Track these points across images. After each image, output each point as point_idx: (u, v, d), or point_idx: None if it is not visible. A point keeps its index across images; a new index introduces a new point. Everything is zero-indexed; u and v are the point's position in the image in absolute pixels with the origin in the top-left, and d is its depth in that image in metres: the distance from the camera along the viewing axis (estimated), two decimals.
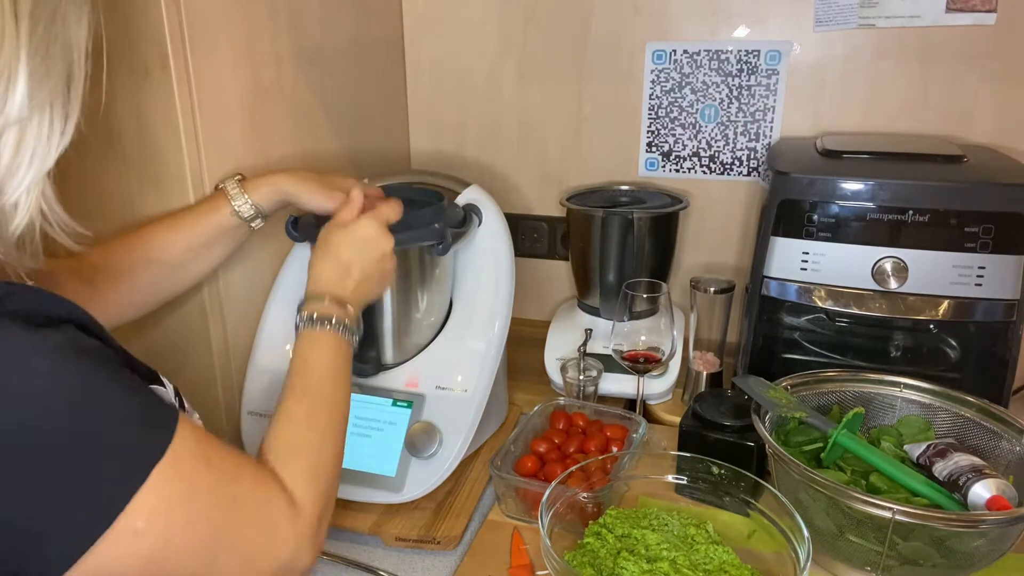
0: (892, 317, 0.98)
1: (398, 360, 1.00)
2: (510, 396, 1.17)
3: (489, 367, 0.98)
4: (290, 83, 1.07)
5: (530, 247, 1.42)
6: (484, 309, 1.02)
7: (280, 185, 0.88)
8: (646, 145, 1.32)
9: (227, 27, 0.93)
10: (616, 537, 0.80)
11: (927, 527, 0.71)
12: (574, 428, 1.03)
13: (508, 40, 1.34)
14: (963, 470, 0.79)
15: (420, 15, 1.38)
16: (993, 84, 1.14)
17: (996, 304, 0.95)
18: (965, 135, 1.17)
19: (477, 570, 0.83)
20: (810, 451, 0.88)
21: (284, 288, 1.03)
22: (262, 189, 0.88)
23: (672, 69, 1.27)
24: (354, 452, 0.94)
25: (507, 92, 1.37)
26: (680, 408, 1.15)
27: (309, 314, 0.75)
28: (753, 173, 1.28)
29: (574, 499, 0.84)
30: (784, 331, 1.06)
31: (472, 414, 0.95)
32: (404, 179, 1.15)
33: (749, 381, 0.92)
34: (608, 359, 1.12)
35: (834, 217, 0.98)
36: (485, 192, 1.06)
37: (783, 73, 1.22)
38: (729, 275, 1.23)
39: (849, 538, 0.76)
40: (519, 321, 1.05)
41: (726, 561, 0.77)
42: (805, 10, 1.18)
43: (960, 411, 0.90)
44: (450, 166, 1.41)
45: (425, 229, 0.93)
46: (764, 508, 0.80)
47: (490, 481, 0.97)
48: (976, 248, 0.94)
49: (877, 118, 1.20)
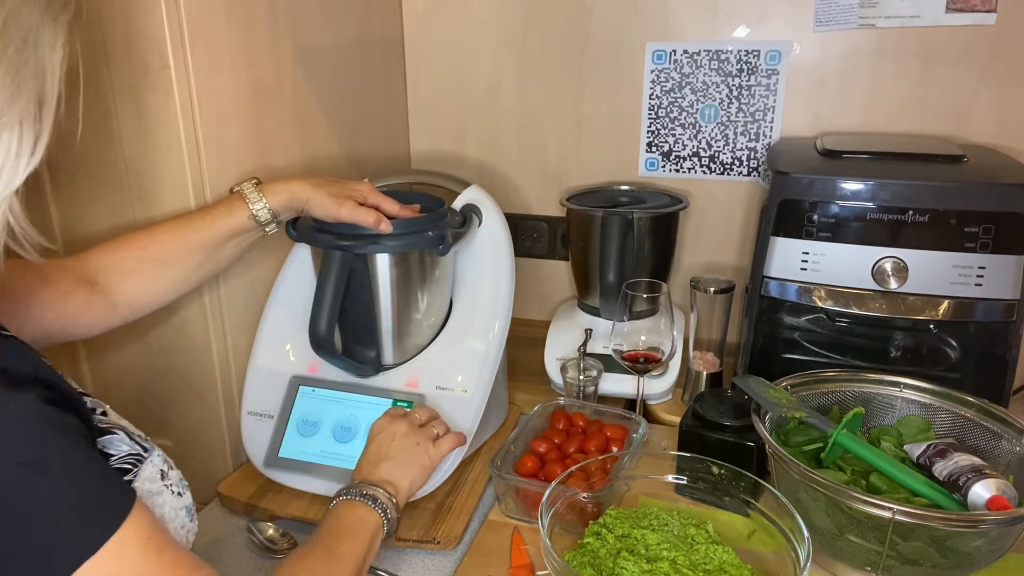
0: (892, 317, 0.98)
1: (398, 360, 1.00)
2: (510, 396, 1.17)
3: (489, 367, 0.98)
4: (290, 83, 1.07)
5: (530, 247, 1.42)
6: (484, 309, 1.02)
7: (295, 191, 0.89)
8: (646, 145, 1.32)
9: (227, 27, 0.93)
10: (616, 537, 0.80)
11: (927, 527, 0.71)
12: (574, 428, 1.03)
13: (508, 40, 1.34)
14: (963, 470, 0.79)
15: (420, 15, 1.38)
16: (993, 84, 1.14)
17: (996, 304, 0.95)
18: (965, 135, 1.17)
19: (477, 570, 0.83)
20: (810, 451, 0.88)
21: (284, 289, 1.03)
22: (280, 195, 0.88)
23: (672, 69, 1.27)
24: (355, 452, 0.94)
25: (507, 92, 1.37)
26: (680, 408, 1.15)
27: (357, 488, 0.78)
28: (753, 173, 1.28)
29: (574, 499, 0.84)
30: (784, 331, 1.06)
31: (472, 414, 0.95)
32: (404, 179, 1.15)
33: (749, 381, 0.92)
34: (608, 359, 1.12)
35: (834, 217, 0.98)
36: (485, 192, 1.06)
37: (783, 73, 1.22)
38: (729, 275, 1.23)
39: (849, 538, 0.76)
40: (519, 321, 1.05)
41: (726, 561, 0.77)
42: (805, 10, 1.18)
43: (960, 411, 0.90)
44: (450, 166, 1.41)
45: (422, 236, 0.93)
46: (764, 508, 0.80)
47: (490, 481, 0.97)
48: (976, 248, 0.94)
49: (877, 118, 1.20)
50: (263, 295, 1.03)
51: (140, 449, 0.65)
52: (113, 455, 0.62)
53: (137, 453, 0.64)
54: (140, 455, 0.65)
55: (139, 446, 0.65)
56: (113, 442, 0.63)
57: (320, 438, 0.96)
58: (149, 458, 0.65)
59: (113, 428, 0.64)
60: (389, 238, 0.92)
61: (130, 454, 0.64)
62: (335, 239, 0.91)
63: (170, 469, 0.68)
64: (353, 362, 0.97)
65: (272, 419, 0.98)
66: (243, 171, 0.97)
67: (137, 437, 0.66)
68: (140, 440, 0.66)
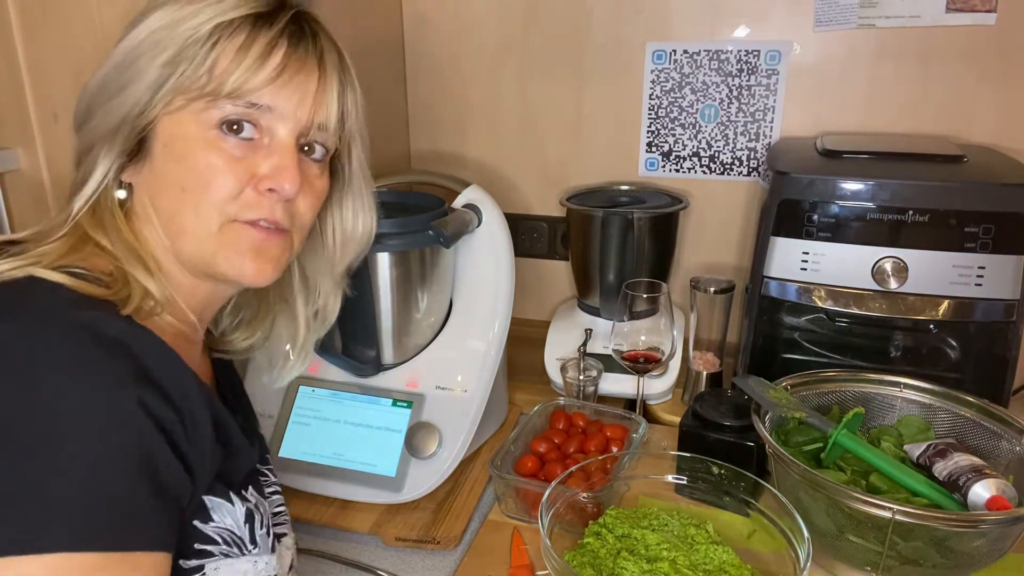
0: (892, 317, 0.98)
1: (398, 360, 1.00)
2: (510, 396, 1.17)
3: (489, 367, 0.98)
4: None
5: (530, 247, 1.42)
6: (484, 309, 1.02)
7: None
8: (646, 145, 1.32)
9: None
10: (616, 537, 0.80)
11: (927, 527, 0.71)
12: (574, 428, 1.03)
13: (508, 40, 1.34)
14: (963, 470, 0.79)
15: (420, 15, 1.38)
16: (993, 84, 1.14)
17: (996, 304, 0.95)
18: (965, 135, 1.17)
19: (477, 570, 0.83)
20: (810, 451, 0.88)
21: None
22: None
23: (672, 69, 1.27)
24: (354, 452, 0.94)
25: (507, 92, 1.37)
26: (680, 408, 1.15)
27: None
28: (753, 173, 1.28)
29: (574, 499, 0.84)
30: (784, 331, 1.06)
31: (472, 414, 0.95)
32: (404, 179, 1.15)
33: (749, 381, 0.92)
34: (608, 359, 1.12)
35: (834, 217, 0.98)
36: (485, 192, 1.06)
37: (783, 73, 1.22)
38: (729, 275, 1.23)
39: (849, 538, 0.76)
40: (519, 321, 1.05)
41: (726, 561, 0.77)
42: (805, 10, 1.18)
43: (960, 411, 0.90)
44: (450, 166, 1.42)
45: (421, 234, 0.94)
46: (764, 508, 0.80)
47: (490, 481, 0.97)
48: (976, 248, 0.94)
49: (877, 118, 1.20)
50: None
51: (248, 540, 0.59)
52: (215, 522, 0.56)
53: (241, 540, 0.58)
54: (243, 544, 0.58)
55: (250, 536, 0.59)
56: (223, 508, 0.57)
57: (320, 438, 0.96)
58: (254, 557, 0.59)
59: (250, 500, 0.60)
60: (389, 237, 0.92)
61: (232, 535, 0.57)
62: None
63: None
64: (353, 361, 0.97)
65: (272, 419, 0.98)
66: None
67: (272, 529, 0.62)
68: (264, 536, 0.60)
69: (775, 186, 1.00)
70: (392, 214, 1.03)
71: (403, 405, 0.96)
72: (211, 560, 0.55)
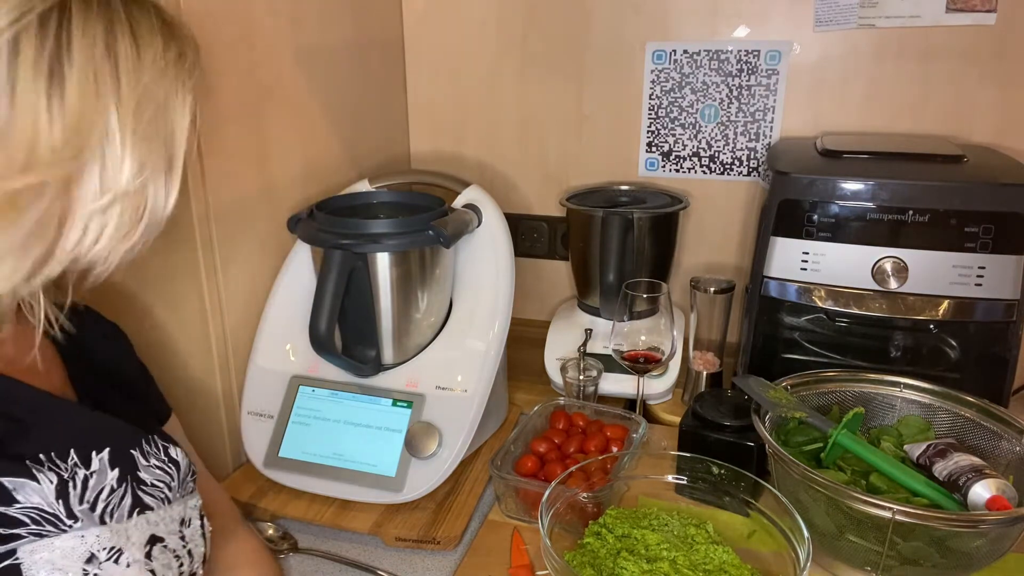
0: (892, 317, 0.98)
1: (398, 360, 1.00)
2: (510, 396, 1.17)
3: (489, 367, 0.98)
4: (290, 83, 1.07)
5: (530, 247, 1.42)
6: (484, 309, 1.02)
7: None
8: (646, 145, 1.32)
9: (227, 26, 0.93)
10: (616, 537, 0.80)
11: (927, 527, 0.71)
12: (574, 428, 1.03)
13: (508, 40, 1.34)
14: (963, 470, 0.79)
15: (420, 15, 1.38)
16: (993, 84, 1.14)
17: (996, 304, 0.95)
18: (965, 135, 1.17)
19: (477, 570, 0.83)
20: (810, 451, 0.88)
21: (284, 289, 1.03)
22: None
23: (672, 69, 1.27)
24: (354, 452, 0.94)
25: (507, 92, 1.37)
26: (680, 408, 1.15)
27: None
28: (753, 173, 1.28)
29: (574, 499, 0.84)
30: (784, 331, 1.06)
31: (472, 414, 0.95)
32: (404, 179, 1.15)
33: (749, 381, 0.92)
34: (608, 359, 1.12)
35: (834, 217, 0.98)
36: (485, 192, 1.06)
37: (783, 73, 1.22)
38: (729, 275, 1.23)
39: (849, 538, 0.76)
40: (519, 321, 1.05)
41: (726, 561, 0.77)
42: (805, 10, 1.18)
43: (960, 411, 0.90)
44: (450, 166, 1.41)
45: (421, 234, 0.94)
46: (764, 508, 0.80)
47: (490, 481, 0.97)
48: (976, 248, 0.94)
49: (877, 118, 1.20)
50: (263, 295, 1.03)
51: (64, 515, 0.54)
52: (19, 503, 0.53)
53: (56, 516, 0.54)
54: (58, 520, 0.54)
55: (66, 511, 0.55)
56: (26, 487, 0.53)
57: (320, 438, 0.96)
58: (80, 532, 0.55)
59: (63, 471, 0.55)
60: (389, 237, 0.92)
61: (41, 512, 0.53)
62: (336, 238, 0.91)
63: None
64: (353, 362, 0.97)
65: (272, 419, 0.98)
66: (243, 171, 0.97)
67: (126, 500, 0.58)
68: (87, 510, 0.56)
69: (775, 186, 1.00)
70: (392, 214, 1.03)
71: (403, 405, 0.96)
72: (22, 543, 0.52)
